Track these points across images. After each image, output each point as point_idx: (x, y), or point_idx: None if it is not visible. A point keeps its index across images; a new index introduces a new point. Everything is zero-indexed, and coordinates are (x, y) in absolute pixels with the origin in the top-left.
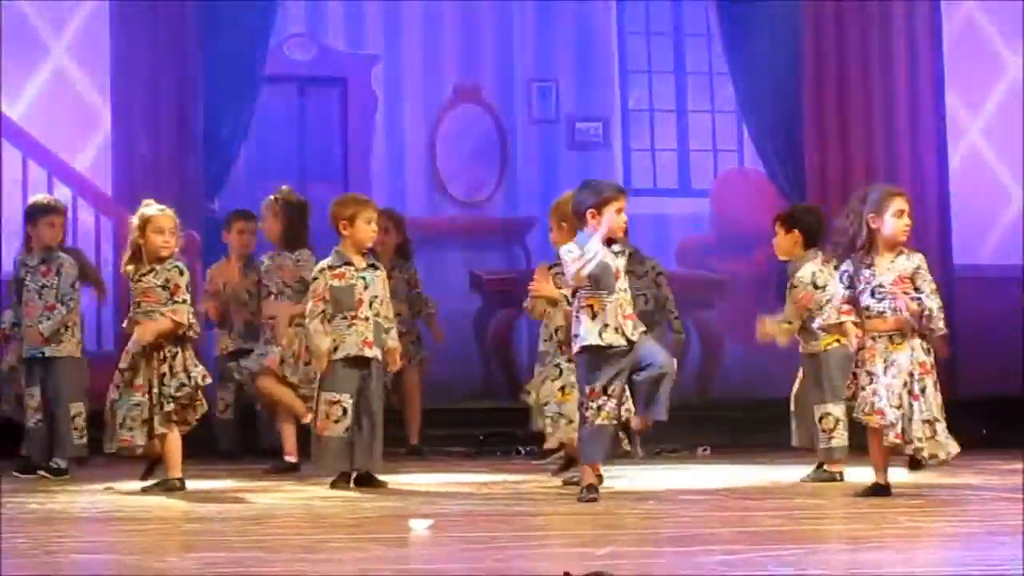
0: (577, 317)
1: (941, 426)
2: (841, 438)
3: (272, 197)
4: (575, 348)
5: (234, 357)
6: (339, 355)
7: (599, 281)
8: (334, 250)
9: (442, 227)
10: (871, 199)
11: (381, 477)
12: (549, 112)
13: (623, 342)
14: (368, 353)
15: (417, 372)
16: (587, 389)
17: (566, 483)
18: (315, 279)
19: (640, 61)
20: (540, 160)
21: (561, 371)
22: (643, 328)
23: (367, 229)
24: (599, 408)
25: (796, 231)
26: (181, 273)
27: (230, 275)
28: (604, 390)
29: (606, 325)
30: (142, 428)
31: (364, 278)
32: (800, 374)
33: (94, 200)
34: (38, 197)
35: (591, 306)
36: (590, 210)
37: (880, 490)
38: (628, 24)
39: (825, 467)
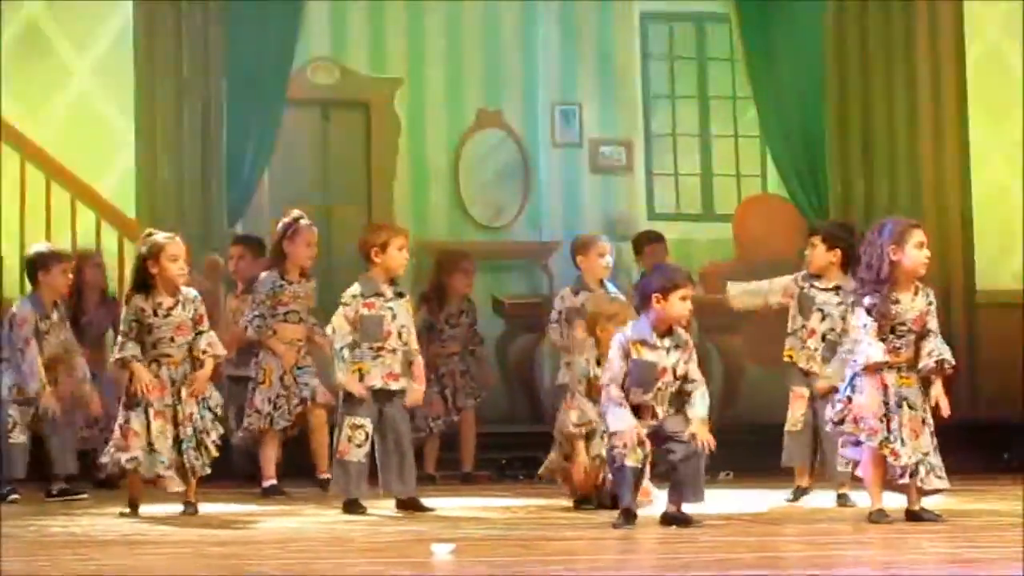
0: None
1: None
2: None
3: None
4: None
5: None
6: (365, 384)
7: (636, 382)
8: (363, 277)
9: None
10: (890, 231)
11: (424, 501)
12: (572, 136)
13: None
14: (393, 386)
15: (475, 406)
16: (612, 430)
17: (577, 506)
18: (346, 305)
19: (663, 85)
20: (563, 184)
21: None
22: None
23: (399, 256)
24: (626, 447)
25: (838, 250)
26: (202, 302)
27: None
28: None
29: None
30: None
31: (392, 308)
32: (803, 399)
33: (117, 224)
34: (48, 246)
35: (625, 397)
36: (656, 295)
37: (883, 515)
38: (651, 48)
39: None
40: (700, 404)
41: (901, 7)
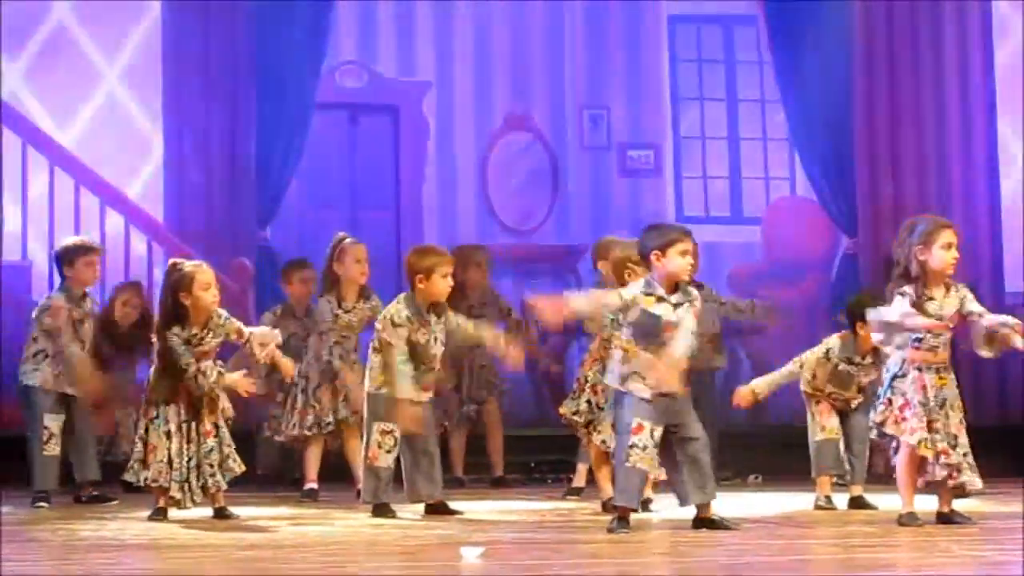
0: (615, 354)
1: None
2: None
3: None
4: (613, 384)
5: None
6: (401, 395)
7: (641, 333)
8: (408, 299)
9: (493, 254)
10: (919, 231)
11: (453, 505)
12: (600, 139)
13: (648, 395)
14: (424, 398)
15: (498, 403)
16: (631, 424)
17: (606, 508)
18: (399, 326)
19: (691, 88)
20: (591, 187)
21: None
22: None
23: (443, 284)
24: (643, 448)
25: None
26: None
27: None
28: (651, 432)
29: (635, 373)
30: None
31: (435, 333)
32: (831, 409)
33: (146, 228)
34: (74, 238)
35: (626, 351)
36: (654, 252)
37: (913, 519)
38: (679, 51)
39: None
40: (676, 346)
41: (929, 8)
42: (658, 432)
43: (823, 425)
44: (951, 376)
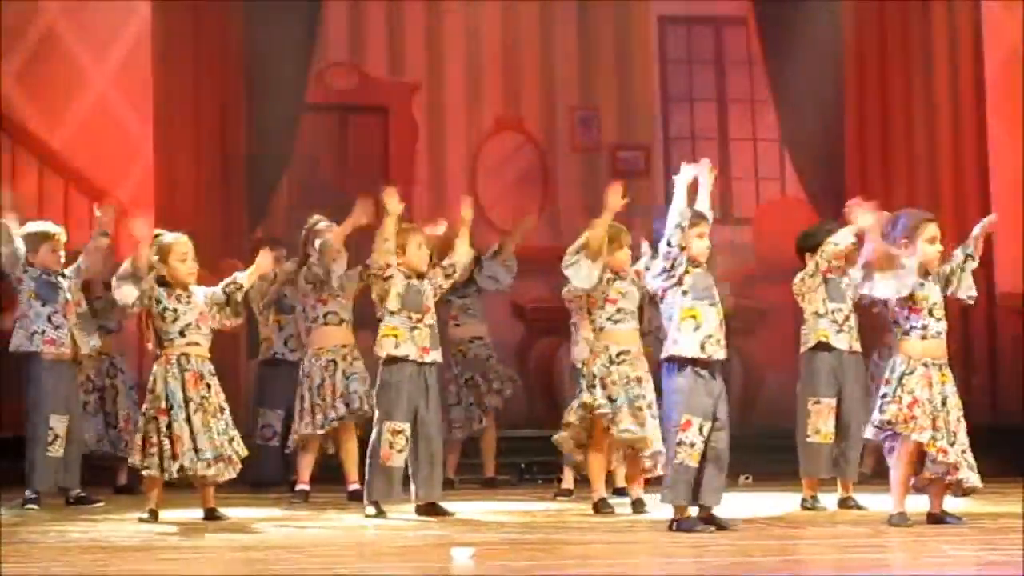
0: (675, 324)
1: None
2: None
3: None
4: (665, 354)
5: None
6: (399, 352)
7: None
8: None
9: (483, 256)
10: (902, 225)
11: (445, 505)
12: (590, 140)
13: (721, 354)
14: (428, 359)
15: (501, 402)
16: (681, 419)
17: (597, 509)
18: (389, 278)
19: (681, 89)
20: (581, 188)
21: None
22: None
23: (419, 254)
24: (691, 444)
25: None
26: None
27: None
28: (700, 428)
29: (709, 336)
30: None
31: (424, 286)
32: (832, 409)
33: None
34: (33, 225)
35: (693, 316)
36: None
37: (904, 519)
38: (669, 52)
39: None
40: None
41: (919, 7)
42: (707, 427)
43: (818, 428)
44: (950, 373)
